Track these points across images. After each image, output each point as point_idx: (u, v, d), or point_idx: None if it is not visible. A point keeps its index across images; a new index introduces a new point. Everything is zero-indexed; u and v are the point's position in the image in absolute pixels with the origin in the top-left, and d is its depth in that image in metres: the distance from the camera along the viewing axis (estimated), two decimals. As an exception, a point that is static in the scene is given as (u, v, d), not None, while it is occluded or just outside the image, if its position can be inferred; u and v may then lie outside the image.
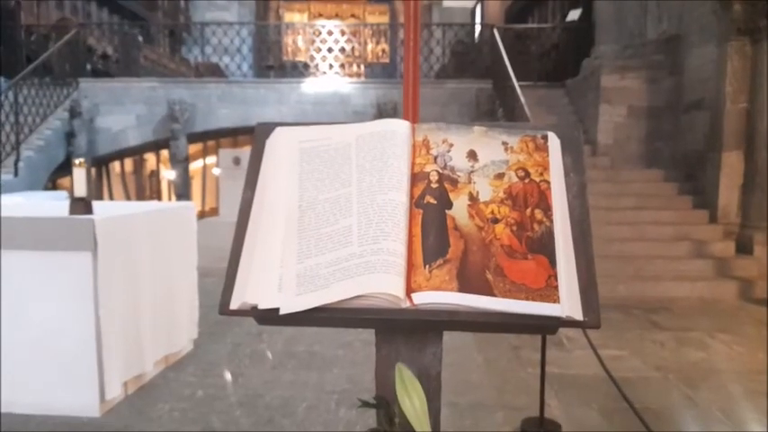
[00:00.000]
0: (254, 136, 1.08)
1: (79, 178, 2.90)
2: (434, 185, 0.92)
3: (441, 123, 1.00)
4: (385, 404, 1.08)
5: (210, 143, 10.21)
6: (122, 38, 10.37)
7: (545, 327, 0.85)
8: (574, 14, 9.72)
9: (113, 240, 2.90)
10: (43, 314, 2.87)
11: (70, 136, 8.07)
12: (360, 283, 0.83)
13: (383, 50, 17.60)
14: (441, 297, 0.83)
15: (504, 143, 0.97)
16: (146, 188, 10.81)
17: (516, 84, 7.65)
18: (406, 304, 0.84)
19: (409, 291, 0.84)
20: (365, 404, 1.09)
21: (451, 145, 0.96)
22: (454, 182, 0.93)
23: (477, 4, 15.32)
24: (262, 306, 0.86)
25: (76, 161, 2.92)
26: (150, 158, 10.80)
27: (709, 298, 5.67)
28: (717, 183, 6.45)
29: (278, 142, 1.02)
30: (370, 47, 17.33)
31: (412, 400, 0.87)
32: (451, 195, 0.92)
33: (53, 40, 9.01)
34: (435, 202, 0.91)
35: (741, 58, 6.16)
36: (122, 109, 8.69)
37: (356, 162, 0.95)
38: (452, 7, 16.01)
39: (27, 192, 6.38)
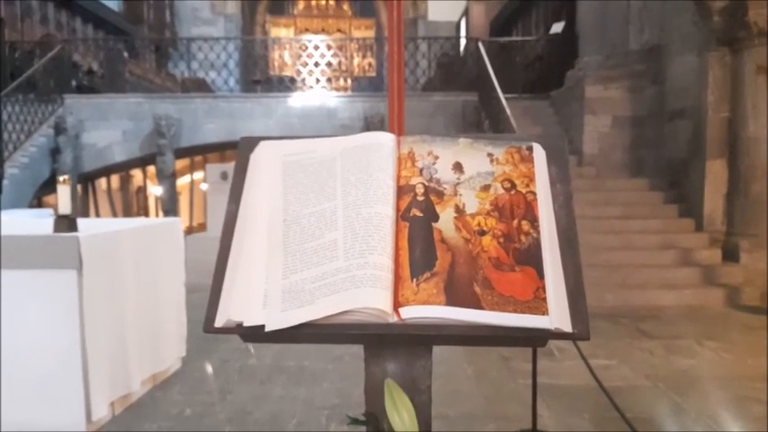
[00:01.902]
0: (239, 149, 1.07)
1: (63, 195, 2.87)
2: (420, 198, 0.92)
3: (426, 136, 1.00)
4: (374, 420, 1.07)
5: (198, 158, 10.18)
6: (107, 53, 10.31)
7: (534, 339, 0.84)
8: (557, 27, 9.84)
9: (99, 258, 2.86)
10: (28, 334, 2.81)
11: (55, 152, 8.00)
12: (346, 298, 0.82)
13: (370, 64, 17.69)
14: (429, 311, 0.82)
15: (490, 155, 0.97)
16: (132, 205, 10.72)
17: (501, 95, 7.72)
18: (393, 319, 0.83)
19: (397, 305, 0.83)
20: (355, 421, 1.08)
21: (437, 157, 0.96)
22: (440, 194, 0.92)
23: (461, 17, 15.48)
24: (247, 323, 0.84)
25: (60, 178, 2.88)
26: (137, 175, 10.72)
27: (697, 305, 5.70)
28: (701, 191, 6.52)
29: (262, 156, 1.01)
30: (356, 61, 17.41)
31: (401, 416, 0.86)
32: (438, 208, 0.91)
33: (38, 56, 8.96)
34: (422, 214, 0.90)
35: (722, 67, 6.26)
36: (108, 125, 8.63)
37: (341, 175, 0.95)
38: (437, 21, 16.16)
39: (11, 210, 6.30)
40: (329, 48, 14.51)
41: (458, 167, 0.95)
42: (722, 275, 5.99)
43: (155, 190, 10.86)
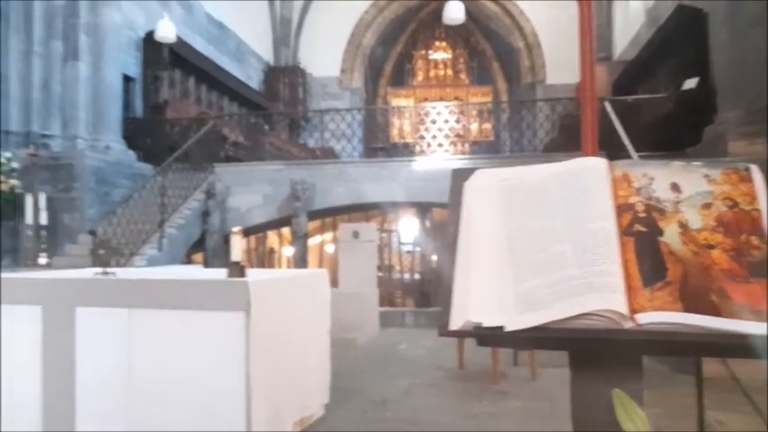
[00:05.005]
0: (452, 179, 1.19)
1: (236, 244, 3.19)
2: (642, 215, 0.97)
3: (636, 160, 1.05)
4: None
5: (327, 220, 10.75)
6: (251, 127, 11.43)
7: (776, 350, 0.84)
8: (690, 83, 9.47)
9: (263, 302, 3.11)
10: (198, 370, 3.09)
11: (205, 215, 8.86)
12: (584, 301, 0.87)
13: (488, 129, 17.99)
14: (666, 317, 0.86)
15: (706, 176, 1.00)
16: (264, 263, 11.45)
17: (634, 153, 7.48)
18: (628, 324, 0.87)
19: (632, 311, 0.88)
20: (565, 439, 1.10)
21: (652, 179, 1.01)
22: (662, 211, 0.97)
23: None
24: (486, 324, 0.92)
25: (234, 229, 3.22)
26: (270, 236, 11.51)
27: None
28: None
29: (478, 183, 1.12)
30: (474, 126, 17.80)
31: (636, 424, 0.87)
32: (661, 224, 0.96)
33: (193, 131, 10.11)
34: (646, 229, 0.95)
35: None
36: (250, 190, 9.46)
37: (559, 195, 1.02)
38: (555, 84, 16.18)
39: (168, 266, 7.00)
40: (451, 113, 14.98)
41: (675, 187, 0.99)
42: None
43: (286, 251, 11.55)
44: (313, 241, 10.94)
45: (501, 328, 0.91)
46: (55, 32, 8.61)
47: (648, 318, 0.86)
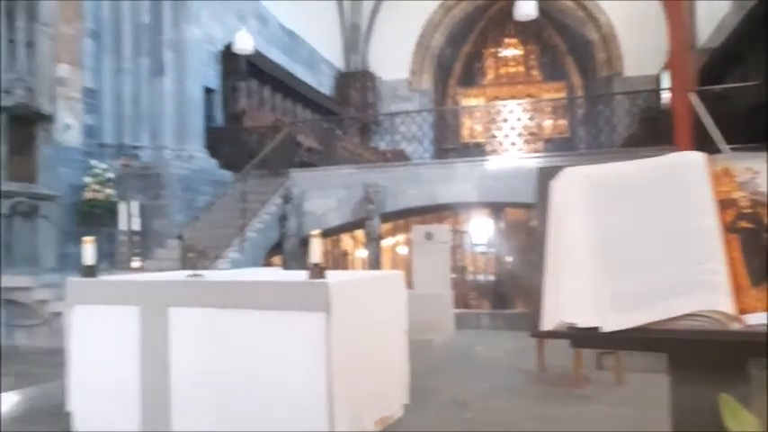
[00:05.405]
0: (537, 178, 1.18)
1: (315, 247, 3.28)
2: (747, 211, 0.93)
3: (737, 153, 1.01)
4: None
5: (400, 222, 10.84)
6: (324, 132, 11.71)
7: None
8: (786, 68, 8.80)
9: (342, 302, 3.18)
10: (282, 370, 3.19)
11: (283, 219, 9.15)
12: (688, 302, 0.84)
13: (562, 125, 17.50)
14: (778, 317, 0.81)
15: (819, 167, 0.94)
16: (338, 265, 11.68)
17: (726, 147, 7.04)
18: (735, 325, 0.83)
19: (739, 312, 0.84)
20: (665, 444, 1.06)
21: (757, 172, 0.96)
22: (769, 206, 0.92)
23: (662, 70, 14.65)
24: (581, 325, 0.91)
25: (314, 232, 3.31)
26: (344, 239, 11.74)
27: None
28: None
29: (567, 180, 1.10)
30: (548, 122, 17.37)
31: (746, 430, 0.83)
32: (768, 220, 0.91)
33: (269, 138, 10.46)
34: (752, 225, 0.91)
35: None
36: (325, 194, 9.68)
37: (655, 191, 0.99)
38: (634, 76, 15.50)
39: (250, 268, 7.28)
40: (524, 110, 14.71)
41: (782, 181, 0.94)
42: None
43: (360, 253, 11.73)
44: (386, 243, 11.04)
45: (596, 328, 0.90)
46: (142, 49, 9.18)
47: (758, 318, 0.82)
